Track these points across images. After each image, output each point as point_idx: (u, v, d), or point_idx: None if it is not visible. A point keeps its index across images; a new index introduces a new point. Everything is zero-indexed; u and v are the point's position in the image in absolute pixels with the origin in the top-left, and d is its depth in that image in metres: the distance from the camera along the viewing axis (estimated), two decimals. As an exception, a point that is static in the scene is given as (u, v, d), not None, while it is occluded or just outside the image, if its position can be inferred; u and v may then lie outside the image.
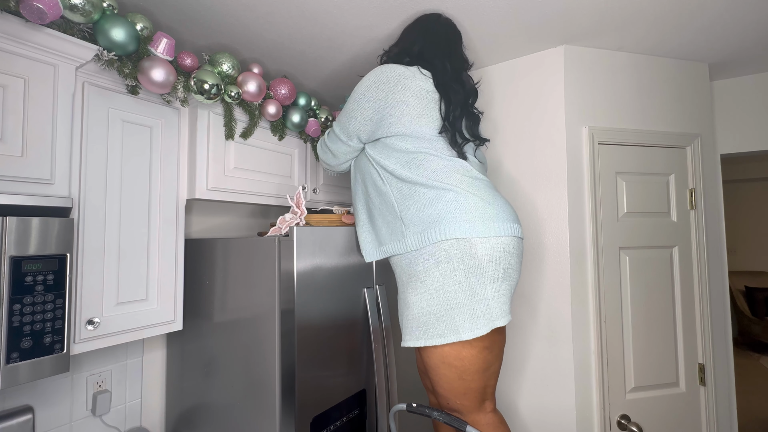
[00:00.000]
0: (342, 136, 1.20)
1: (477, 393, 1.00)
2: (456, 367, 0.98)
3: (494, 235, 0.97)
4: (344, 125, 1.18)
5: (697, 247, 1.60)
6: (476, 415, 1.01)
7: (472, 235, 0.96)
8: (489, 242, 0.96)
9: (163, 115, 1.16)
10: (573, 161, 1.49)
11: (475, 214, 0.98)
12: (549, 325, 1.48)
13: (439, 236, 0.97)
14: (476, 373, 0.98)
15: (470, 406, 1.01)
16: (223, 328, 1.18)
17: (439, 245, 0.97)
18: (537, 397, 1.50)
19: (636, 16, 1.30)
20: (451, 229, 0.96)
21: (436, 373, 1.01)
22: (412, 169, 1.05)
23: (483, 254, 0.96)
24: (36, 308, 0.83)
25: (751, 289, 4.28)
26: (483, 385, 1.01)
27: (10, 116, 0.83)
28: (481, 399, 1.02)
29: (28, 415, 1.05)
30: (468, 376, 0.98)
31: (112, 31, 0.94)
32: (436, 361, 1.00)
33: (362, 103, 1.11)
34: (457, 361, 0.97)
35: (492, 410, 1.04)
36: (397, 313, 1.36)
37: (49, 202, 0.87)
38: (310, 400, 1.04)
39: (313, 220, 1.26)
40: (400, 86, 1.07)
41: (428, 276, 0.99)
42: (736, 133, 1.79)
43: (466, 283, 0.95)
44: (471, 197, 1.00)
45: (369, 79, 1.11)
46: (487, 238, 0.96)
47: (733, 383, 1.65)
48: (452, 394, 1.00)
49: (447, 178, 1.02)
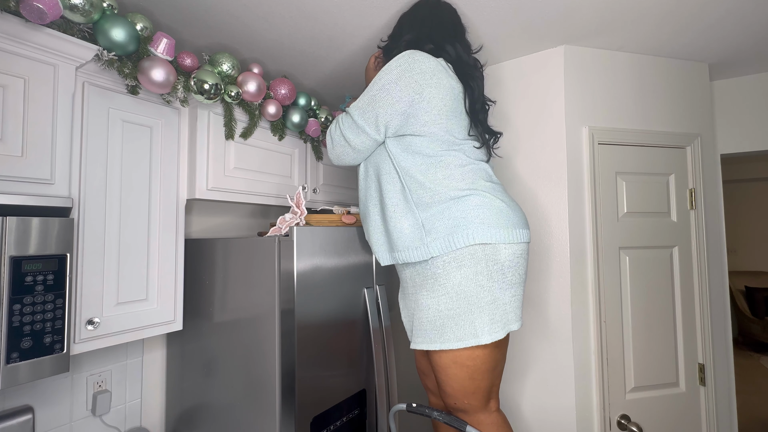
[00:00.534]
0: (367, 128, 1.04)
1: (485, 392, 1.00)
2: (468, 367, 0.96)
3: (516, 241, 0.96)
4: (369, 114, 1.02)
5: (697, 247, 1.60)
6: (481, 415, 1.01)
7: (498, 240, 0.94)
8: (511, 248, 0.96)
9: (163, 115, 1.16)
10: (573, 161, 1.49)
11: (501, 219, 0.96)
12: (549, 325, 1.48)
13: (465, 241, 0.94)
14: (486, 372, 0.97)
15: (477, 406, 1.00)
16: (223, 328, 1.18)
17: (464, 249, 0.95)
18: (537, 396, 1.50)
19: (636, 17, 1.30)
20: (478, 233, 0.94)
21: (446, 373, 0.99)
22: (438, 172, 0.99)
23: (505, 260, 0.95)
24: (36, 308, 0.83)
25: (751, 289, 4.28)
26: (491, 384, 1.00)
27: (10, 116, 0.83)
28: (488, 398, 1.01)
29: (28, 415, 1.05)
30: (478, 375, 0.97)
31: (112, 31, 0.94)
32: (446, 361, 0.98)
33: (393, 93, 0.99)
34: (469, 361, 0.96)
35: (496, 409, 1.04)
36: (397, 313, 1.36)
37: (49, 202, 0.87)
38: (310, 400, 1.04)
39: (313, 220, 1.26)
40: (435, 80, 0.99)
41: (448, 278, 0.96)
42: (736, 133, 1.79)
43: (488, 288, 0.94)
44: (497, 201, 0.98)
45: (400, 66, 0.99)
46: (510, 244, 0.95)
47: (733, 383, 1.65)
48: (461, 394, 0.99)
49: (473, 182, 0.99)
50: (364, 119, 1.04)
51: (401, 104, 0.99)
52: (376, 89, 1.01)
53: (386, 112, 1.00)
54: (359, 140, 1.07)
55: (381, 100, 1.00)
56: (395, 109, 0.99)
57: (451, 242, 0.95)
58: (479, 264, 0.94)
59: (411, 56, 0.99)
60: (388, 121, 1.01)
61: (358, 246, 1.26)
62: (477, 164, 1.03)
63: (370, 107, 1.02)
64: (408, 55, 0.99)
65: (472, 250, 0.94)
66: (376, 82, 1.02)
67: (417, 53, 1.00)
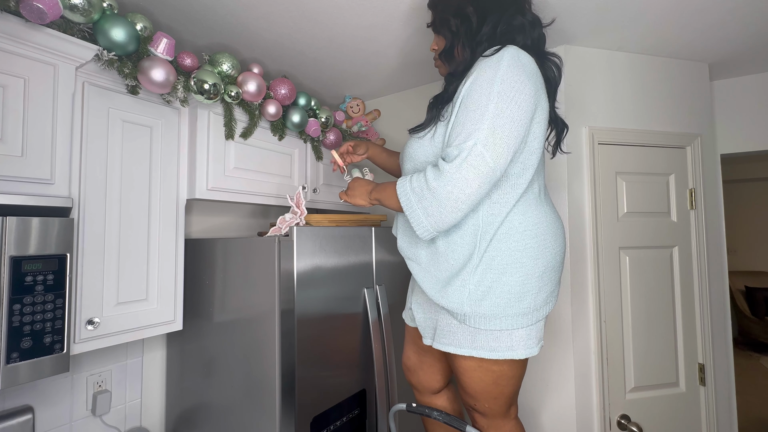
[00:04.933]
0: (501, 163, 0.79)
1: (507, 398, 0.95)
2: (493, 372, 0.91)
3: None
4: (505, 142, 0.78)
5: (697, 247, 1.60)
6: (500, 420, 0.97)
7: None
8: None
9: (163, 115, 1.16)
10: (573, 161, 1.49)
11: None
12: (549, 325, 1.48)
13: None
14: (512, 378, 0.93)
15: (497, 411, 0.96)
16: (223, 328, 1.18)
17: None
18: (537, 396, 1.50)
19: (636, 17, 1.30)
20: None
21: (470, 376, 0.93)
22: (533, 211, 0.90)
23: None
24: (36, 308, 0.83)
25: (751, 289, 4.27)
26: (514, 391, 0.96)
27: (10, 116, 0.83)
28: (509, 404, 0.97)
29: (28, 415, 1.05)
30: (504, 381, 0.92)
31: (112, 31, 0.94)
32: (472, 364, 0.92)
33: (520, 102, 0.79)
34: (495, 366, 0.90)
35: (515, 417, 1.01)
36: (397, 314, 1.36)
37: (49, 202, 0.87)
38: (310, 400, 1.04)
39: (313, 220, 1.26)
40: (541, 85, 0.86)
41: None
42: (736, 133, 1.79)
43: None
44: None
45: (513, 65, 0.80)
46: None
47: (733, 383, 1.65)
48: (483, 397, 0.95)
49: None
50: (502, 148, 0.85)
51: (526, 118, 0.85)
52: (498, 98, 0.81)
53: (519, 132, 0.86)
54: (483, 187, 0.89)
55: (510, 114, 0.82)
56: (523, 125, 0.86)
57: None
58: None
59: (516, 54, 0.83)
60: (517, 145, 0.90)
61: (358, 246, 1.26)
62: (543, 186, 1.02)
63: (503, 128, 0.84)
64: (515, 53, 0.83)
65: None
66: (490, 88, 0.82)
67: (520, 51, 0.85)
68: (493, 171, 0.78)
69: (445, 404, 1.17)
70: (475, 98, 0.80)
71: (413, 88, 1.93)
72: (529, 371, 1.51)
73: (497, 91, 0.78)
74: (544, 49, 0.96)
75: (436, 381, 1.15)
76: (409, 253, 1.01)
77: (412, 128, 1.01)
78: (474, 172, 0.77)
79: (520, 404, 1.52)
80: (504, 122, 0.78)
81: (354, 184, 1.10)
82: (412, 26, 1.33)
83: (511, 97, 0.78)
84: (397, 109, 1.98)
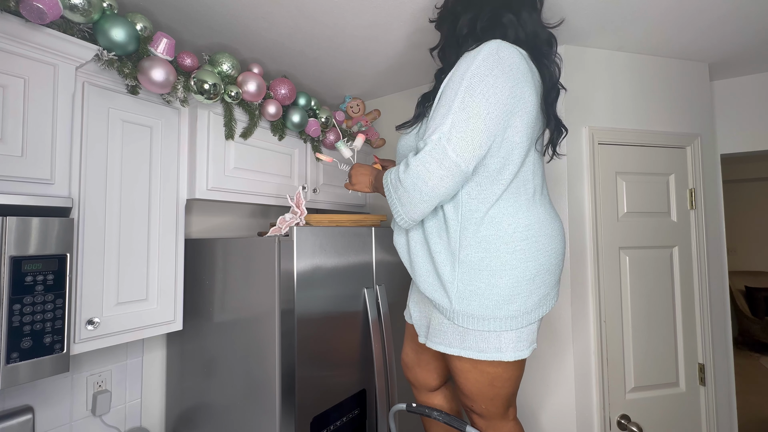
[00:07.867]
0: (465, 157, 0.79)
1: (504, 399, 0.95)
2: (489, 373, 0.91)
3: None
4: (467, 136, 0.78)
5: (697, 247, 1.60)
6: (498, 421, 0.97)
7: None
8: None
9: (163, 115, 1.16)
10: (573, 161, 1.49)
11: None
12: (549, 325, 1.48)
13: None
14: (509, 380, 0.93)
15: (495, 412, 0.96)
16: (223, 328, 1.18)
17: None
18: (537, 396, 1.50)
19: (636, 17, 1.30)
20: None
21: (466, 377, 0.94)
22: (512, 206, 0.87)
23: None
24: (36, 308, 0.83)
25: (751, 289, 4.27)
26: (512, 392, 0.96)
27: (10, 116, 0.83)
28: (507, 405, 0.97)
29: (28, 415, 1.05)
30: (499, 382, 0.92)
31: (112, 31, 0.94)
32: (466, 365, 0.92)
33: (489, 96, 0.78)
34: (490, 368, 0.90)
35: (514, 418, 1.00)
36: (397, 314, 1.36)
37: (49, 202, 0.87)
38: (310, 400, 1.04)
39: (313, 220, 1.26)
40: (524, 79, 0.82)
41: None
42: (736, 133, 1.79)
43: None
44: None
45: (488, 59, 0.79)
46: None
47: (733, 383, 1.65)
48: (479, 398, 0.95)
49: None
50: (465, 145, 0.86)
51: (497, 115, 0.84)
52: (463, 95, 0.83)
53: (487, 129, 0.86)
54: (450, 182, 0.91)
55: (475, 109, 0.83)
56: (492, 122, 0.85)
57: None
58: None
59: (496, 47, 0.82)
60: (488, 143, 0.90)
61: (358, 246, 1.26)
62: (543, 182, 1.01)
63: (464, 124, 0.84)
64: (493, 47, 0.82)
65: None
66: (458, 85, 0.85)
67: (502, 43, 0.83)
68: (457, 165, 0.79)
69: (442, 402, 1.17)
70: (447, 92, 0.83)
71: (413, 88, 1.93)
72: (529, 371, 1.51)
73: (465, 85, 0.79)
74: (539, 43, 0.94)
75: (432, 379, 1.15)
76: (398, 244, 1.05)
77: (400, 125, 1.04)
78: (436, 165, 0.79)
79: (520, 404, 1.52)
80: (467, 116, 0.78)
81: (354, 171, 1.12)
82: (412, 25, 1.33)
83: (478, 91, 0.78)
84: (397, 109, 1.98)
